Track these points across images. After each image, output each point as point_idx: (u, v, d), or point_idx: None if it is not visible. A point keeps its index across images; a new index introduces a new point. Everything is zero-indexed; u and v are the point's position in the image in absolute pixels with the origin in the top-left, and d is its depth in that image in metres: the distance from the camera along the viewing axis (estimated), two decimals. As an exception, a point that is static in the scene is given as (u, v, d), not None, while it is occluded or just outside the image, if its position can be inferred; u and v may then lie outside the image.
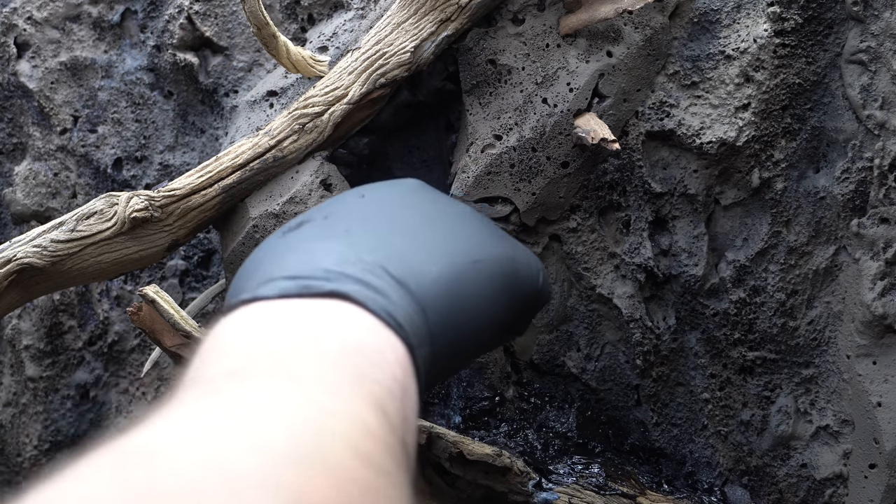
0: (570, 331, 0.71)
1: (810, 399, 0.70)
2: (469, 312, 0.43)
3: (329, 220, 0.44)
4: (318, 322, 0.36)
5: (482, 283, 0.45)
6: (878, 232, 0.67)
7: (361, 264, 0.40)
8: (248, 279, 0.42)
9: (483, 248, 0.46)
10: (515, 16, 0.69)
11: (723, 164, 0.69)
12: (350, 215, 0.45)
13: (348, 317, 0.37)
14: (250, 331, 0.35)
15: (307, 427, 0.29)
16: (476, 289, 0.44)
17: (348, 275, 0.39)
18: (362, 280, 0.39)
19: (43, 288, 0.68)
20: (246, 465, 0.26)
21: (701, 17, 0.70)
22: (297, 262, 0.40)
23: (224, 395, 0.31)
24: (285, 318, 0.36)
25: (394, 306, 0.38)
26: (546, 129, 0.68)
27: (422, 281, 0.41)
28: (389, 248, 0.42)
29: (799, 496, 0.70)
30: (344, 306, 0.37)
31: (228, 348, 0.34)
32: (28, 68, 0.89)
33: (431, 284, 0.41)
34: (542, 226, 0.70)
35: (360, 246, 0.41)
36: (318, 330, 0.35)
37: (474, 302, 0.44)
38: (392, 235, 0.43)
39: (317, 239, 0.43)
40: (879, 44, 0.68)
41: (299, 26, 0.82)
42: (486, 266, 0.45)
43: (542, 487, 0.63)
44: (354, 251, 0.41)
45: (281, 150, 0.68)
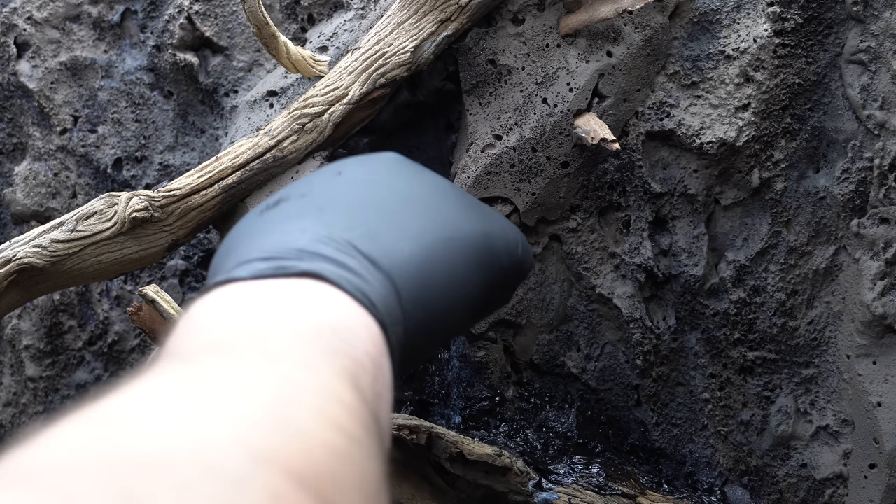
0: (570, 331, 0.71)
1: (810, 399, 0.70)
2: (443, 290, 0.44)
3: (305, 199, 0.45)
4: (292, 301, 0.37)
5: (456, 261, 0.45)
6: (878, 232, 0.67)
7: (335, 244, 0.40)
8: (225, 259, 0.43)
9: (457, 224, 0.47)
10: (515, 16, 0.69)
11: (723, 164, 0.69)
12: (326, 193, 0.45)
13: (322, 296, 0.37)
14: (226, 310, 0.36)
15: (280, 397, 0.30)
16: (449, 267, 0.45)
17: (322, 254, 0.40)
18: (336, 259, 0.39)
19: (43, 288, 0.68)
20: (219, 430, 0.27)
21: (701, 17, 0.70)
22: (272, 242, 0.41)
23: (199, 366, 0.32)
24: (260, 297, 0.37)
25: (367, 285, 0.39)
26: (546, 129, 0.68)
27: (395, 260, 0.42)
28: (363, 227, 0.42)
29: (799, 496, 0.70)
30: (318, 286, 0.38)
31: (205, 326, 0.35)
32: (28, 68, 0.89)
33: (404, 263, 0.42)
34: (542, 226, 0.70)
35: (334, 225, 0.42)
36: (292, 308, 0.36)
37: (448, 280, 0.44)
38: (366, 214, 0.44)
39: (292, 218, 0.43)
40: (879, 44, 0.68)
41: (299, 26, 0.82)
42: (460, 243, 0.46)
43: (542, 487, 0.63)
44: (328, 230, 0.41)
45: (281, 150, 0.68)
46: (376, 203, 0.45)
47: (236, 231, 0.45)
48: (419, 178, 0.49)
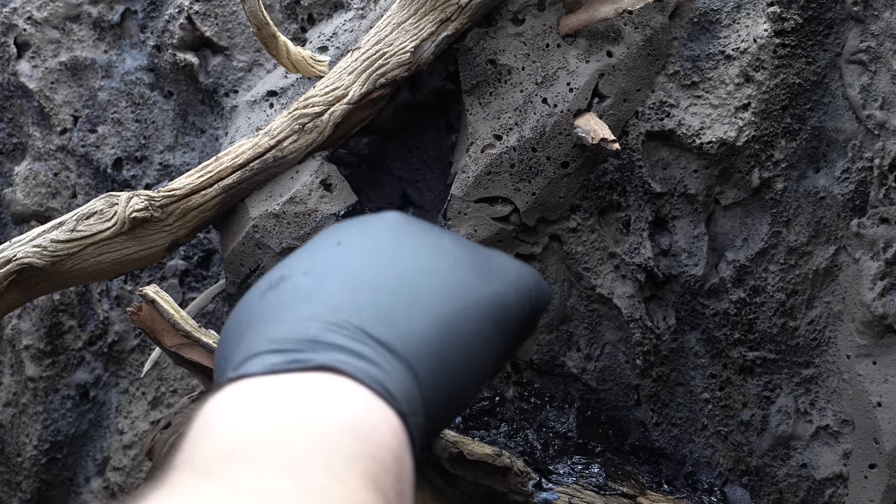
0: (570, 331, 0.71)
1: (810, 399, 0.70)
2: (461, 364, 0.43)
3: (308, 277, 0.43)
4: (309, 400, 0.35)
5: (471, 331, 0.44)
6: (878, 232, 0.67)
7: (346, 331, 0.39)
8: (233, 348, 0.41)
9: (468, 290, 0.45)
10: (515, 16, 0.69)
11: (723, 164, 0.69)
12: (329, 270, 0.44)
13: (339, 391, 0.36)
14: (241, 411, 0.35)
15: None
16: (465, 338, 0.43)
17: (335, 344, 0.38)
18: (350, 349, 0.38)
19: (43, 288, 0.68)
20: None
21: (701, 17, 0.70)
22: (281, 331, 0.39)
23: (220, 480, 0.30)
24: (276, 396, 0.36)
25: (384, 375, 0.38)
26: (546, 129, 0.68)
27: (409, 342, 0.40)
28: (373, 308, 0.41)
29: (799, 496, 0.70)
30: (334, 379, 0.37)
31: (220, 430, 0.34)
32: (28, 68, 0.89)
33: (419, 344, 0.41)
34: (542, 226, 0.70)
35: (343, 308, 0.40)
36: (310, 408, 0.35)
37: (465, 352, 0.43)
38: (373, 291, 0.42)
39: (298, 301, 0.42)
40: (879, 44, 0.68)
41: (299, 26, 0.82)
42: (474, 311, 0.44)
43: (542, 487, 0.63)
44: (338, 315, 0.40)
45: (281, 150, 0.68)
46: (382, 278, 0.43)
47: (240, 314, 0.44)
48: (424, 242, 0.47)
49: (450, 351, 0.42)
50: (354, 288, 0.42)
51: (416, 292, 0.43)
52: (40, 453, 0.88)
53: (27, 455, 0.88)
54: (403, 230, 0.48)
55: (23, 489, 0.89)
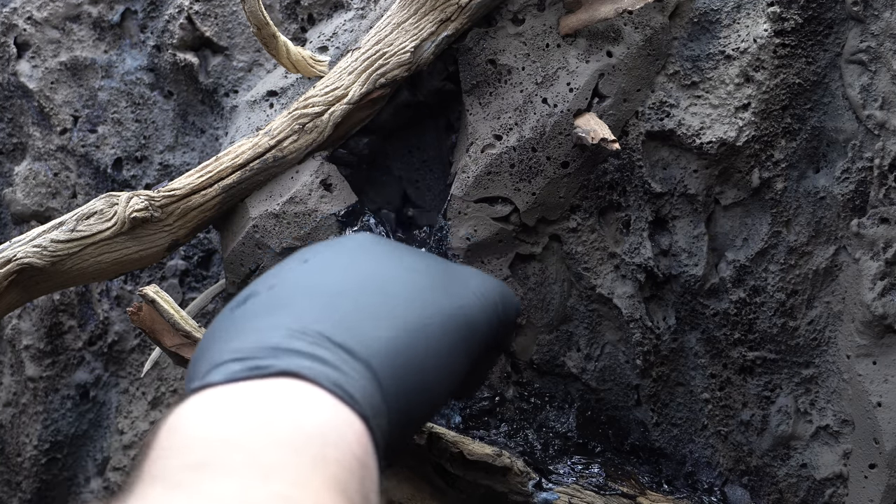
0: (570, 331, 0.71)
1: (810, 399, 0.70)
2: (424, 372, 0.43)
3: (273, 291, 0.44)
4: (272, 405, 0.35)
5: (434, 342, 0.44)
6: (878, 232, 0.67)
7: (308, 338, 0.39)
8: (199, 363, 0.41)
9: (432, 304, 0.45)
10: (515, 16, 0.69)
11: (723, 164, 0.69)
12: (294, 284, 0.44)
13: (301, 396, 0.36)
14: (204, 420, 0.34)
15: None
16: (428, 349, 0.43)
17: (296, 350, 0.38)
18: (311, 354, 0.38)
19: (43, 288, 0.68)
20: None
21: (701, 17, 0.70)
22: (244, 341, 0.40)
23: (188, 490, 0.30)
24: (238, 404, 0.35)
25: (345, 378, 0.38)
26: (546, 129, 0.68)
27: (370, 347, 0.40)
28: (335, 316, 0.41)
29: (799, 496, 0.70)
30: (296, 384, 0.36)
31: (186, 440, 0.34)
32: (28, 68, 0.89)
33: (381, 349, 0.41)
34: (542, 226, 0.70)
35: (305, 317, 0.41)
36: (273, 414, 0.35)
37: (428, 362, 0.43)
38: (336, 302, 0.42)
39: (262, 314, 0.42)
40: (879, 44, 0.68)
41: (299, 26, 0.82)
42: (438, 323, 0.44)
43: (542, 487, 0.63)
44: (300, 323, 0.40)
45: (281, 150, 0.68)
46: (346, 289, 0.43)
47: (209, 332, 0.44)
48: (389, 258, 0.47)
49: (412, 359, 0.42)
50: (317, 299, 0.42)
51: (379, 302, 0.43)
52: (40, 453, 0.88)
53: (27, 455, 0.88)
54: (370, 248, 0.48)
55: (23, 489, 0.89)
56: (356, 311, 0.42)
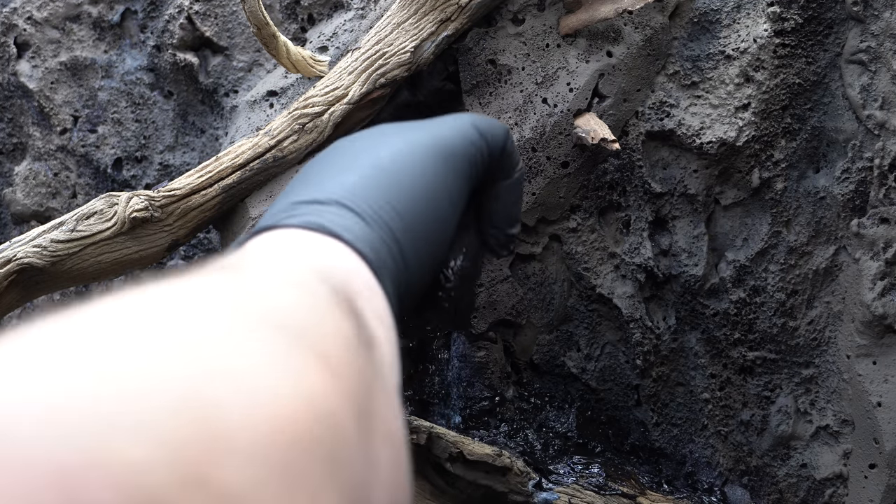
0: (570, 331, 0.71)
1: (810, 399, 0.70)
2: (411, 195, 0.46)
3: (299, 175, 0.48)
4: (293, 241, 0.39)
5: (412, 165, 0.47)
6: (878, 232, 0.67)
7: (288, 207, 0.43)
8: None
9: (402, 141, 0.48)
10: (515, 16, 0.69)
11: (723, 164, 0.69)
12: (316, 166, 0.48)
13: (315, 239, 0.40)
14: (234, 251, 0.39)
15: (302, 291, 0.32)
16: (406, 171, 0.46)
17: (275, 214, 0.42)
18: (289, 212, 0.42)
19: (43, 288, 0.68)
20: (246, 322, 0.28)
21: (701, 17, 0.70)
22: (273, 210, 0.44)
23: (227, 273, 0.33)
24: (271, 241, 0.40)
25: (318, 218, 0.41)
26: (546, 129, 0.68)
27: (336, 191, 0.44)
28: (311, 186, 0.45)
29: (799, 496, 0.70)
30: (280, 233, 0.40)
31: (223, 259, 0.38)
32: (28, 68, 0.89)
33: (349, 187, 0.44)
34: (542, 226, 0.70)
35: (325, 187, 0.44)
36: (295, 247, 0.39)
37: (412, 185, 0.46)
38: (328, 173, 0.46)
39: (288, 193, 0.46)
40: (879, 44, 0.68)
41: (299, 26, 0.82)
42: (409, 150, 0.47)
43: (542, 487, 0.63)
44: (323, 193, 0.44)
45: (281, 150, 0.68)
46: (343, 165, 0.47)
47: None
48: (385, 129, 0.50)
49: (390, 185, 0.45)
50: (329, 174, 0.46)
51: (351, 162, 0.47)
52: (40, 453, 0.88)
53: (27, 455, 0.88)
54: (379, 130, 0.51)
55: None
56: (337, 173, 0.46)
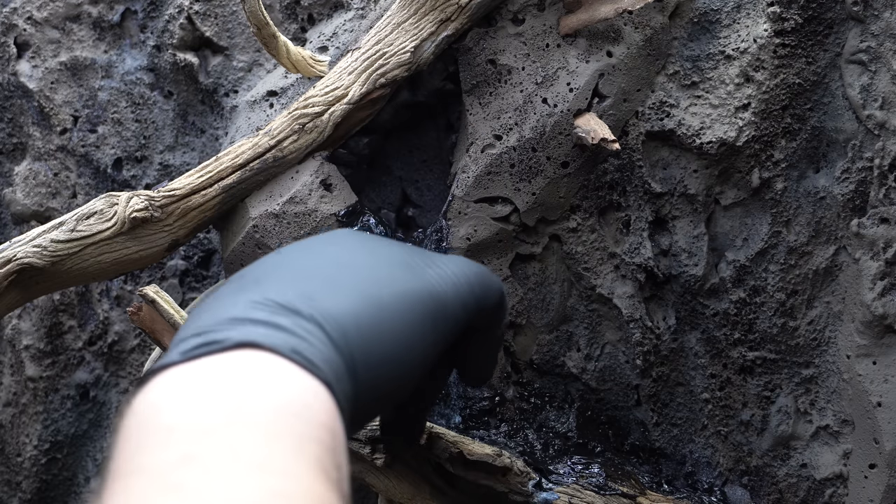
0: (570, 331, 0.71)
1: (810, 399, 0.70)
2: (386, 343, 0.43)
3: (244, 278, 0.44)
4: (239, 382, 0.35)
5: (400, 313, 0.45)
6: (878, 232, 0.67)
7: (266, 308, 0.39)
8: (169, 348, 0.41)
9: (397, 281, 0.46)
10: (515, 16, 0.69)
11: (723, 164, 0.69)
12: (263, 268, 0.45)
13: (263, 368, 0.36)
14: (176, 405, 0.34)
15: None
16: (393, 319, 0.44)
17: (254, 319, 0.38)
18: (268, 322, 0.38)
19: (43, 288, 0.68)
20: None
21: (701, 17, 0.70)
22: (206, 318, 0.40)
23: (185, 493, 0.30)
24: (205, 382, 0.35)
25: (303, 344, 0.38)
26: (546, 129, 0.68)
27: (331, 314, 0.41)
28: (297, 289, 0.41)
29: (799, 496, 0.70)
30: (255, 355, 0.36)
31: (161, 430, 0.33)
32: (28, 68, 0.89)
33: (341, 316, 0.41)
34: (542, 226, 0.70)
35: (269, 291, 0.41)
36: (243, 392, 0.35)
37: (391, 333, 0.44)
38: (303, 279, 0.43)
39: (228, 294, 0.42)
40: (879, 44, 0.68)
41: (299, 26, 0.82)
42: (401, 298, 0.45)
43: (542, 487, 0.63)
44: (262, 296, 0.40)
45: (281, 150, 0.68)
46: (315, 270, 0.44)
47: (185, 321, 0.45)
48: (362, 245, 0.48)
49: (373, 328, 0.43)
50: (285, 277, 0.43)
51: (343, 277, 0.44)
52: (40, 453, 0.88)
53: (27, 455, 0.88)
54: (346, 239, 0.49)
55: (23, 489, 0.89)
56: (319, 285, 0.42)
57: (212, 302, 0.42)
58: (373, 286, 0.44)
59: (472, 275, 0.51)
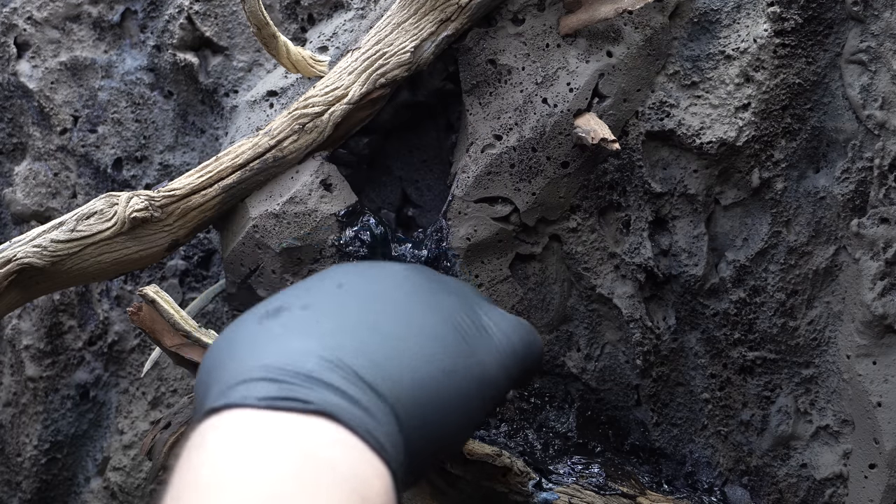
0: (570, 331, 0.71)
1: (810, 399, 0.70)
2: (440, 421, 0.44)
3: (307, 312, 0.44)
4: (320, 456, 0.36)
5: (453, 393, 0.46)
6: (878, 232, 0.67)
7: (341, 371, 0.40)
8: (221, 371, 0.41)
9: (456, 357, 0.47)
10: (515, 16, 0.69)
11: (723, 164, 0.69)
12: (328, 308, 0.45)
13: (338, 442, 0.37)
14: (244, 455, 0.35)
15: None
16: (447, 398, 0.45)
17: (331, 384, 0.39)
18: (345, 392, 0.39)
19: (43, 288, 0.68)
20: None
21: (701, 17, 0.70)
22: (275, 358, 0.40)
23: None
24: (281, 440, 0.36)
25: (376, 425, 0.39)
26: (546, 129, 0.68)
27: (398, 391, 0.42)
28: (368, 354, 0.42)
29: (799, 496, 0.70)
30: (332, 429, 0.38)
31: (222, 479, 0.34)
32: (28, 68, 0.89)
33: (406, 397, 0.42)
34: (542, 226, 0.70)
35: (338, 347, 0.41)
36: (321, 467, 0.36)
37: (445, 410, 0.45)
38: (369, 338, 0.43)
39: (294, 333, 0.43)
40: (879, 44, 0.68)
41: (299, 26, 0.82)
42: (458, 377, 0.46)
43: (542, 487, 0.63)
44: (333, 353, 0.41)
45: (281, 150, 0.68)
46: (380, 327, 0.45)
47: (232, 336, 0.44)
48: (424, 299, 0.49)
49: (431, 407, 0.44)
50: (352, 330, 0.43)
51: (410, 348, 0.44)
52: (40, 453, 0.88)
53: (27, 455, 0.88)
54: (407, 283, 0.49)
55: (23, 489, 0.89)
56: (387, 352, 0.43)
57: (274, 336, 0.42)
58: (431, 361, 0.45)
59: (518, 340, 0.53)
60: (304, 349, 0.41)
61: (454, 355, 0.47)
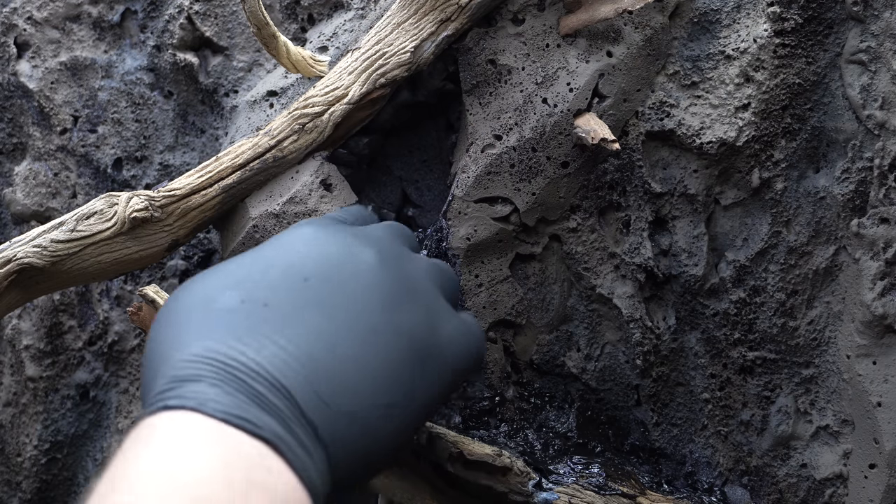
0: (570, 331, 0.71)
1: (810, 399, 0.70)
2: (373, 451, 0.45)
3: (267, 312, 0.44)
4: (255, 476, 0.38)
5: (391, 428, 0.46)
6: (878, 232, 0.67)
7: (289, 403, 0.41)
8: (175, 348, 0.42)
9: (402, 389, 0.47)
10: (515, 16, 0.69)
11: (723, 164, 0.69)
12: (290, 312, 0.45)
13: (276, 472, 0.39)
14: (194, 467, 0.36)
15: None
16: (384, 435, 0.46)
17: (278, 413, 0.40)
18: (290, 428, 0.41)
19: (43, 288, 0.68)
20: None
21: (701, 17, 0.70)
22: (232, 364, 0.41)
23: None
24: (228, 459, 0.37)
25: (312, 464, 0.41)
26: (546, 129, 0.68)
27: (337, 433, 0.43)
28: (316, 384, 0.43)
29: (799, 496, 0.70)
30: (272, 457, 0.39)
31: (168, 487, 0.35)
32: (28, 68, 0.89)
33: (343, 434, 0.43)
34: (542, 226, 0.70)
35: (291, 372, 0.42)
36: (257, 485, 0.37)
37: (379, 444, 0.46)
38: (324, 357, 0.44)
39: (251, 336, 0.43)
40: (879, 44, 0.68)
41: (299, 26, 0.82)
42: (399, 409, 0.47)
43: (542, 487, 0.63)
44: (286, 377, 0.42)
45: (281, 150, 0.68)
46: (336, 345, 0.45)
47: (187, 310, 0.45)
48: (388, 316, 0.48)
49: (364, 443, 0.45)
50: (308, 349, 0.43)
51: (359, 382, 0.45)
52: (40, 453, 0.88)
53: (27, 455, 0.88)
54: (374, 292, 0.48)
55: (23, 489, 0.89)
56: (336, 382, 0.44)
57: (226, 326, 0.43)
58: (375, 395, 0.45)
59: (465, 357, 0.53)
60: (258, 361, 0.42)
61: (399, 388, 0.47)
